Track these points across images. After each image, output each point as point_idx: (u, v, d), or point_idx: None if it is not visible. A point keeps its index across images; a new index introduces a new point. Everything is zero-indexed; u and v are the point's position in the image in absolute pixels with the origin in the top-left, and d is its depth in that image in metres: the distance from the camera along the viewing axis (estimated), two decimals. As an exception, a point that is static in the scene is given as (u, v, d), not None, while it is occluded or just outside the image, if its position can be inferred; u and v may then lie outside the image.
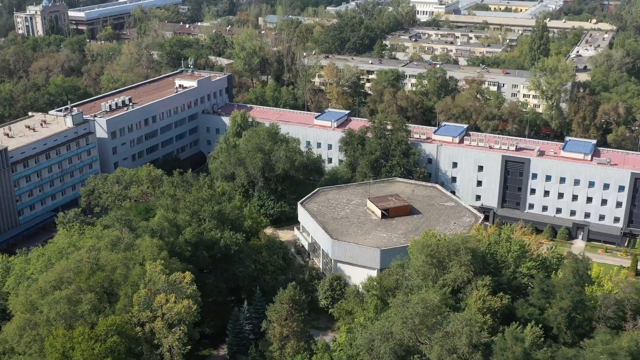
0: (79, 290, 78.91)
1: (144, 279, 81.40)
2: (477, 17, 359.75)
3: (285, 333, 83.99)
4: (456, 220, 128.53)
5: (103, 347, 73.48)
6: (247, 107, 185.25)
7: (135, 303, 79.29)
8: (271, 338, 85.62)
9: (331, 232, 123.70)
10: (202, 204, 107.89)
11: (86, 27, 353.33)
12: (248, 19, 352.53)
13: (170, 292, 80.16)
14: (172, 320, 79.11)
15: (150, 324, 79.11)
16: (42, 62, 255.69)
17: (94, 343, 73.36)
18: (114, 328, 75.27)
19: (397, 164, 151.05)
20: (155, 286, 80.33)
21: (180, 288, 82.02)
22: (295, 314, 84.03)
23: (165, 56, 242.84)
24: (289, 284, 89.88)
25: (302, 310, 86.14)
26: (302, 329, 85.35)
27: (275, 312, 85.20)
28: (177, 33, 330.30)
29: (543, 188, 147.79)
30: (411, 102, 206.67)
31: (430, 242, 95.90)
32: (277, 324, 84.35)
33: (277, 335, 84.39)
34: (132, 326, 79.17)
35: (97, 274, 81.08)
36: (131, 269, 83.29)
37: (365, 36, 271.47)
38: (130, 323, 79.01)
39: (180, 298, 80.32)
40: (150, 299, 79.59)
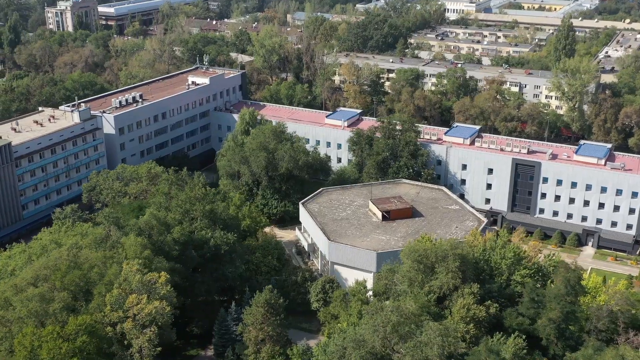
0: (53, 288, 78.67)
1: (118, 278, 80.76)
2: (507, 16, 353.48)
3: (261, 337, 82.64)
4: (459, 224, 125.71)
5: (71, 347, 73.02)
6: (259, 105, 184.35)
7: (108, 303, 78.72)
8: (247, 341, 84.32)
9: (329, 234, 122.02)
10: (194, 202, 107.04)
11: (115, 22, 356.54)
12: (275, 15, 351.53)
13: (144, 293, 79.35)
14: (143, 321, 78.31)
15: (121, 325, 78.44)
16: (67, 57, 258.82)
17: (62, 342, 72.94)
18: (83, 328, 74.76)
19: (404, 165, 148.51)
20: (130, 286, 79.63)
21: (154, 288, 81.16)
22: (271, 317, 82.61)
23: (186, 52, 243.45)
24: (265, 287, 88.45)
25: (278, 314, 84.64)
26: (278, 333, 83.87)
27: (250, 315, 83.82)
28: (203, 29, 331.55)
29: (554, 193, 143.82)
30: (429, 101, 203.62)
31: (418, 247, 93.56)
32: (253, 327, 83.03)
33: (253, 338, 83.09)
34: (104, 326, 78.60)
35: (73, 272, 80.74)
36: (109, 267, 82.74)
37: (388, 34, 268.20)
38: (101, 323, 78.45)
39: (154, 299, 79.45)
40: (123, 299, 78.97)
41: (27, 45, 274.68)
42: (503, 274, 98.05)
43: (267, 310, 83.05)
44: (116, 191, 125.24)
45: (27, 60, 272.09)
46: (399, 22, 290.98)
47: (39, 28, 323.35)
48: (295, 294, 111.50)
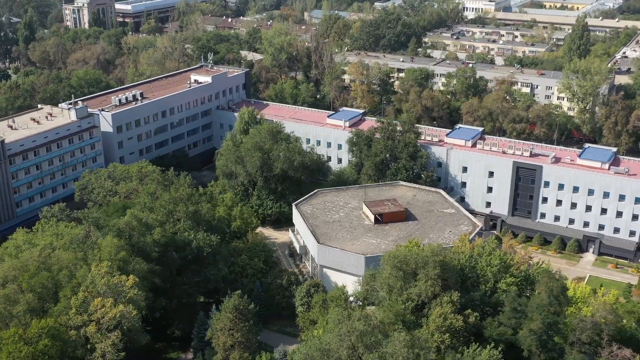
0: (19, 290, 77.84)
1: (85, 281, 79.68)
2: (526, 15, 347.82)
3: (230, 343, 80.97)
4: (453, 228, 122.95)
5: (32, 350, 72.06)
6: (263, 104, 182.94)
7: (73, 306, 77.67)
8: (216, 347, 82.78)
9: (319, 236, 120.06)
10: (178, 203, 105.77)
11: (132, 20, 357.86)
12: (291, 13, 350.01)
13: (110, 296, 78.16)
14: (107, 325, 77.12)
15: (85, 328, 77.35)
16: (79, 54, 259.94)
17: (22, 345, 72.05)
18: (46, 331, 73.77)
19: (403, 166, 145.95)
20: (96, 289, 78.51)
21: (122, 292, 79.93)
22: (240, 323, 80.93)
23: (197, 50, 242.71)
24: (234, 293, 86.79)
25: (247, 320, 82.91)
26: (247, 339, 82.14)
27: (219, 320, 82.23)
28: (218, 27, 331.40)
29: (555, 197, 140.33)
30: (437, 102, 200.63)
31: (398, 252, 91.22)
32: (221, 333, 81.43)
33: (222, 344, 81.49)
34: (67, 329, 77.58)
35: (41, 274, 79.86)
36: (78, 269, 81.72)
37: (401, 33, 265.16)
38: (66, 326, 77.45)
39: (120, 302, 78.22)
40: (88, 303, 77.86)
41: (40, 42, 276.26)
42: (488, 282, 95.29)
43: (236, 316, 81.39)
44: (107, 190, 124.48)
45: (40, 57, 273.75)
46: (412, 21, 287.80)
47: (54, 25, 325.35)
48: (280, 298, 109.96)
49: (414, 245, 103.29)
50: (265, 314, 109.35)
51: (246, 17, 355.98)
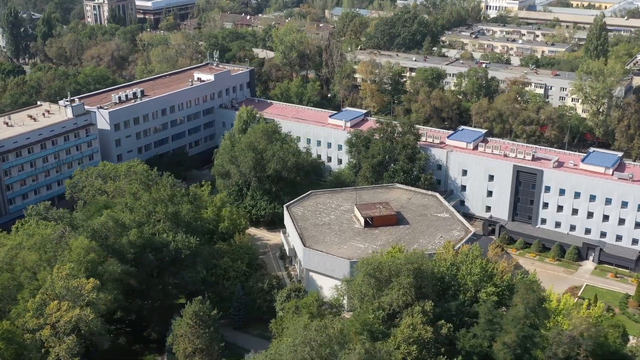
0: (-22, 291, 77.15)
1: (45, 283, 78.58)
2: (549, 13, 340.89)
3: (190, 349, 79.23)
4: (444, 233, 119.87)
5: (-16, 352, 71.28)
6: (266, 103, 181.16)
7: (30, 308, 76.61)
8: (177, 353, 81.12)
9: (306, 239, 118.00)
10: (158, 204, 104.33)
11: (152, 16, 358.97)
12: (310, 11, 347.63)
13: (69, 299, 76.89)
14: (63, 329, 75.86)
15: (40, 332, 76.23)
16: (94, 51, 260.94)
17: (-25, 348, 71.29)
18: (0, 333, 72.74)
19: (400, 169, 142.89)
20: (55, 291, 77.34)
21: (80, 295, 78.62)
22: (200, 330, 79.12)
23: (209, 48, 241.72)
24: (194, 299, 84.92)
25: (208, 327, 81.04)
26: (208, 347, 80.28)
27: (179, 326, 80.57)
28: (237, 24, 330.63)
29: (556, 202, 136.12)
30: (446, 102, 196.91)
31: (372, 259, 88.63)
32: (182, 339, 79.74)
33: (182, 350, 79.82)
34: (23, 332, 76.53)
35: (2, 275, 78.93)
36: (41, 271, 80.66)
37: (417, 32, 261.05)
38: (22, 329, 76.40)
39: (79, 305, 76.91)
40: (46, 305, 76.71)
41: (57, 39, 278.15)
42: (469, 291, 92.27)
43: (196, 323, 79.64)
44: (96, 189, 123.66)
45: (57, 53, 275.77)
46: (430, 20, 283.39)
47: (73, 21, 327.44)
48: (261, 302, 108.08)
49: (397, 251, 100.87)
50: (245, 317, 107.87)
51: (264, 14, 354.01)
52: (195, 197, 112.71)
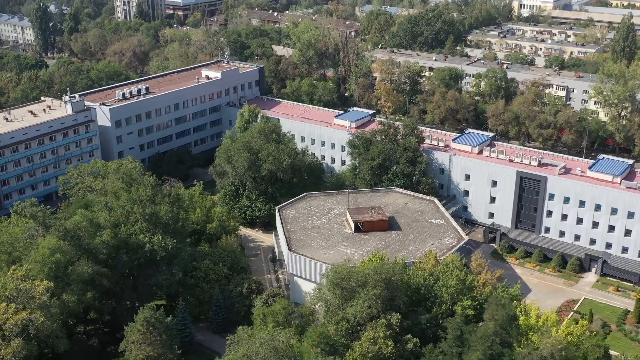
0: None
1: None
2: (583, 13, 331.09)
3: (141, 357, 77.25)
4: (436, 240, 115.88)
5: None
6: (275, 102, 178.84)
7: (-21, 309, 75.77)
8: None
9: (293, 243, 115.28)
10: (136, 204, 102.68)
11: (182, 12, 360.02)
12: (338, 8, 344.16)
13: (20, 301, 75.64)
14: (10, 332, 74.57)
15: (-14, 334, 75.27)
16: (117, 46, 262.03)
17: None
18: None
19: (400, 172, 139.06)
20: (5, 293, 76.14)
21: (32, 297, 77.25)
22: (150, 337, 77.06)
23: (228, 44, 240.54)
24: (146, 305, 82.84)
25: (160, 334, 78.92)
26: (160, 355, 78.18)
27: (131, 333, 78.67)
28: (264, 21, 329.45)
29: (561, 211, 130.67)
30: (462, 103, 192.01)
31: (341, 269, 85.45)
32: (134, 346, 77.84)
33: (133, 357, 77.89)
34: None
35: (-41, 274, 78.25)
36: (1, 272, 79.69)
37: (441, 31, 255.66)
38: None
39: (29, 308, 75.60)
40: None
41: (82, 34, 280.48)
42: (444, 304, 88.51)
43: (147, 329, 77.63)
44: (86, 186, 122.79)
45: (81, 48, 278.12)
46: (456, 19, 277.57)
47: (100, 16, 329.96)
48: (239, 306, 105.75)
49: (377, 260, 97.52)
50: (224, 321, 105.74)
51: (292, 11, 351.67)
52: (177, 198, 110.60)
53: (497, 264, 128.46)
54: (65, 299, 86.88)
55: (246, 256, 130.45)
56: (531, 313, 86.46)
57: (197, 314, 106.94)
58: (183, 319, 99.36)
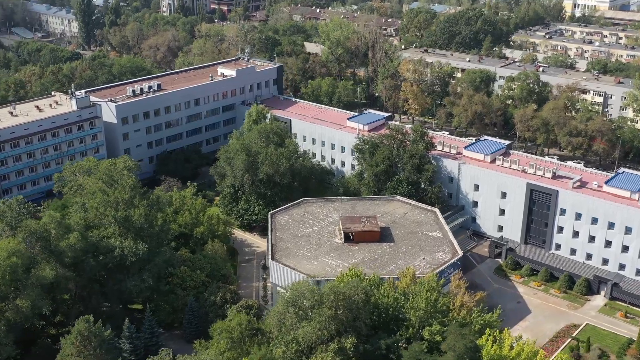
0: None
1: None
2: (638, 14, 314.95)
3: (76, 371, 74.26)
4: (429, 255, 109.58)
5: None
6: (291, 102, 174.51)
7: None
8: (65, 373, 76.36)
9: (278, 251, 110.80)
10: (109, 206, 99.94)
11: (226, 7, 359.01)
12: (382, 5, 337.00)
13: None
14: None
15: None
16: (152, 40, 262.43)
17: None
18: None
19: (405, 179, 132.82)
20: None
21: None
22: (85, 351, 73.86)
23: (260, 41, 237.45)
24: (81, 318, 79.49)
25: (95, 349, 75.57)
26: (96, 368, 74.98)
27: (65, 345, 75.66)
28: (305, 17, 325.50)
29: (572, 227, 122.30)
30: (489, 107, 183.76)
31: (299, 286, 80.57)
32: (69, 358, 74.80)
33: (69, 371, 75.00)
34: None
35: None
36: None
37: (480, 30, 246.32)
38: None
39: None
40: None
41: (121, 27, 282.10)
42: (411, 328, 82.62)
43: (81, 343, 74.46)
44: (78, 185, 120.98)
45: (120, 42, 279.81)
46: (498, 18, 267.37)
47: (143, 10, 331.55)
48: (213, 316, 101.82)
49: (353, 276, 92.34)
50: (197, 331, 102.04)
51: (334, 7, 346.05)
52: (157, 201, 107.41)
53: (499, 281, 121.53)
54: (19, 303, 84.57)
55: (238, 262, 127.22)
56: (505, 342, 79.68)
57: (170, 321, 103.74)
58: (150, 327, 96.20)
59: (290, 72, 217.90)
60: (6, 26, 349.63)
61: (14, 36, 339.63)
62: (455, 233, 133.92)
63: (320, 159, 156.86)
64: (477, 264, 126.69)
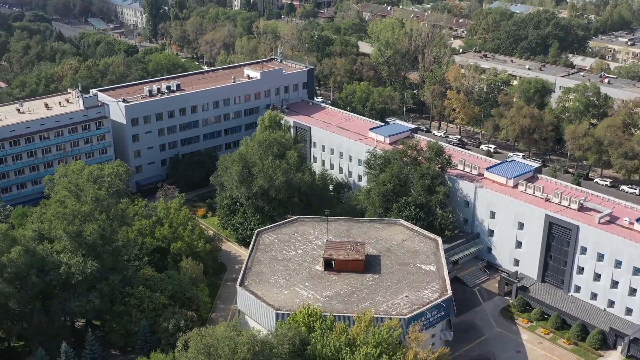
0: None
1: None
2: None
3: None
4: (413, 292, 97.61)
5: None
6: (319, 107, 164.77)
7: None
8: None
9: (249, 276, 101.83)
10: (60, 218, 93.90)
11: (298, 2, 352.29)
12: (456, 5, 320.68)
13: None
14: None
15: None
16: (209, 36, 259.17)
17: None
18: None
19: (413, 201, 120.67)
20: None
21: None
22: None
23: (310, 40, 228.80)
24: None
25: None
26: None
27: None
28: (374, 15, 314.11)
29: (593, 269, 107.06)
30: (538, 121, 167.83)
31: (213, 332, 71.42)
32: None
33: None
34: None
35: None
36: None
37: (550, 35, 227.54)
38: None
39: None
40: None
41: (183, 21, 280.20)
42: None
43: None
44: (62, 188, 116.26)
45: (180, 36, 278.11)
46: (573, 22, 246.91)
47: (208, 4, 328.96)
48: (165, 343, 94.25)
49: (307, 315, 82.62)
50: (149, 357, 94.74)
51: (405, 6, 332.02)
52: (122, 215, 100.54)
53: (503, 324, 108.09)
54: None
55: (223, 280, 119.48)
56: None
57: (123, 344, 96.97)
58: (91, 351, 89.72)
59: (338, 73, 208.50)
60: (82, 16, 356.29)
61: (88, 26, 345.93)
62: (468, 263, 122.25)
63: (337, 171, 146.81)
64: (482, 302, 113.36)
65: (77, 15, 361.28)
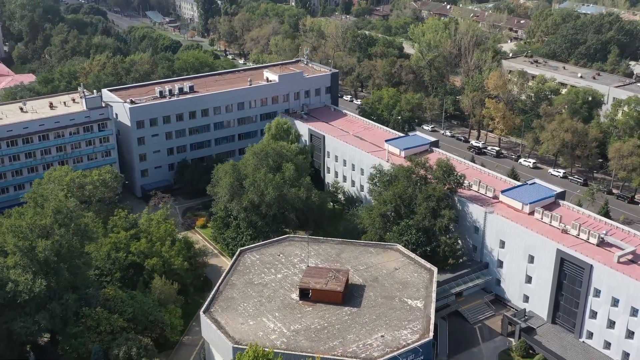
0: None
1: None
2: None
3: None
4: (391, 332, 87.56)
5: None
6: (340, 114, 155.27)
7: None
8: None
9: (218, 301, 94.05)
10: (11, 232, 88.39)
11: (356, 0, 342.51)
12: (519, 4, 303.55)
13: None
14: None
15: None
16: (255, 32, 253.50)
17: None
18: None
19: (414, 225, 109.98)
20: None
21: None
22: None
23: (353, 40, 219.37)
24: None
25: None
26: None
27: None
28: (432, 13, 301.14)
29: (607, 315, 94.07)
30: (582, 136, 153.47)
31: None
32: None
33: None
34: None
35: None
36: None
37: (612, 40, 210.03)
38: None
39: None
40: None
41: (232, 17, 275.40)
42: None
43: None
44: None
45: (227, 32, 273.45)
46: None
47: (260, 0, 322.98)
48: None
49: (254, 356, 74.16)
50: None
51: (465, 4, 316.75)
52: (85, 229, 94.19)
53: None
54: None
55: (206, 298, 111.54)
56: None
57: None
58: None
59: (377, 76, 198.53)
60: (141, 9, 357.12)
61: (146, 19, 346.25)
62: (473, 296, 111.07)
63: (350, 184, 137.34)
64: (481, 342, 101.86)
65: (136, 7, 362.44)
